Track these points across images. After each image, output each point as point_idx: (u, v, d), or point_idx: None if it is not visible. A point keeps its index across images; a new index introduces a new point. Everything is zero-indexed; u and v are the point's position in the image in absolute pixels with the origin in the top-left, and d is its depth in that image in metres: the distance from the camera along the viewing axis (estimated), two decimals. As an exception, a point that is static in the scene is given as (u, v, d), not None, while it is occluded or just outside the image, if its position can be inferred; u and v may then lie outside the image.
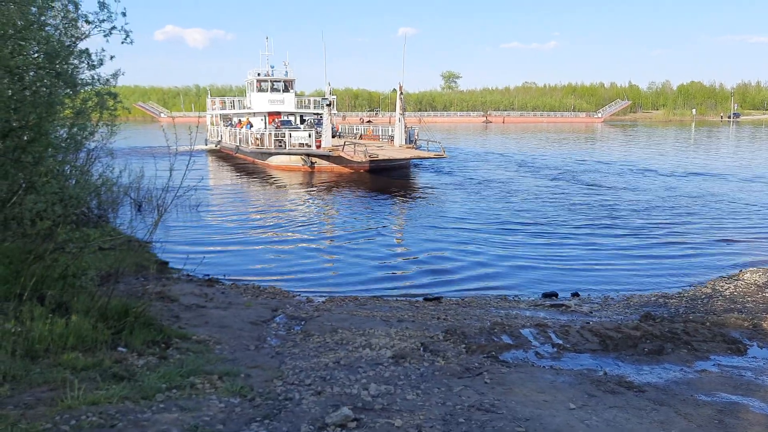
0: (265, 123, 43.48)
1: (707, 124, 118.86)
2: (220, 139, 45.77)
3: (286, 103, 45.92)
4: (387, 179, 31.22)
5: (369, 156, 30.82)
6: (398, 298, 11.03)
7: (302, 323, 8.48)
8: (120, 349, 6.00)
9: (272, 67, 47.53)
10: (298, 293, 11.18)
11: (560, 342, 7.71)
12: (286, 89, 46.32)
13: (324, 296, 11.06)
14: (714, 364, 6.99)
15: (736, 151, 52.23)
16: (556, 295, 11.71)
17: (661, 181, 30.30)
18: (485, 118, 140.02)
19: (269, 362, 6.36)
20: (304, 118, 45.91)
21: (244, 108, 47.43)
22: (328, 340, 7.44)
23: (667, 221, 19.51)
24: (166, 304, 8.45)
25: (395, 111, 37.65)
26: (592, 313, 10.14)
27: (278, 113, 45.14)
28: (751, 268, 13.44)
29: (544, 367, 6.68)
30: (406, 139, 37.02)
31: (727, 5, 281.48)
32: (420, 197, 26.17)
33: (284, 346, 7.17)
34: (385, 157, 32.05)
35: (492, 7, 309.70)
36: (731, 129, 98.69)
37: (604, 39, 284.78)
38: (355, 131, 44.20)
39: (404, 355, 6.61)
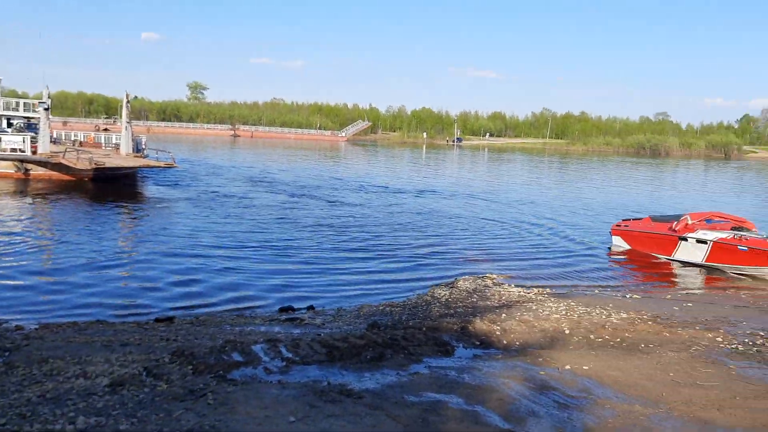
0: None
1: (436, 146, 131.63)
2: None
3: None
4: (113, 189, 30.13)
5: (95, 163, 29.41)
6: (125, 321, 10.34)
7: (6, 354, 7.51)
8: None
9: None
10: (5, 320, 9.89)
11: (290, 355, 7.88)
12: None
13: (38, 322, 9.93)
14: (425, 366, 7.71)
15: (459, 172, 58.64)
16: (292, 308, 11.95)
17: (398, 197, 32.80)
18: (234, 132, 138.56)
19: (-45, 404, 5.51)
20: (11, 121, 41.36)
21: None
22: (36, 371, 6.69)
23: (401, 234, 21.15)
24: None
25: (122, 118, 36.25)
26: (324, 325, 10.54)
27: None
28: (464, 276, 15.14)
29: (271, 382, 6.76)
30: (133, 148, 35.99)
31: (450, 39, 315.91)
32: (152, 210, 25.00)
33: (-22, 383, 6.27)
34: (112, 165, 30.87)
35: (242, 21, 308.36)
36: (455, 152, 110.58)
37: (348, 62, 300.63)
38: (72, 138, 41.02)
39: (123, 382, 6.22)
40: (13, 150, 31.63)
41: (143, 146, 37.80)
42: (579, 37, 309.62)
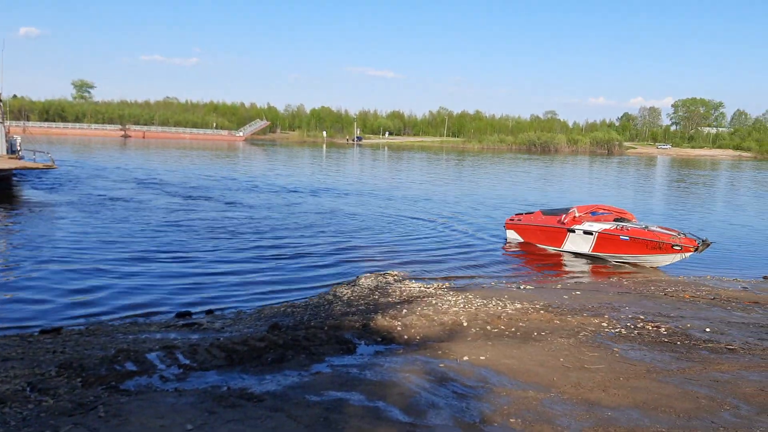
0: None
1: (336, 145, 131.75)
2: None
3: None
4: None
5: None
6: (6, 334, 9.66)
7: None
8: None
9: None
10: None
11: (187, 362, 7.66)
12: None
13: None
14: (327, 365, 7.72)
15: (361, 170, 58.95)
16: (189, 314, 11.59)
17: (297, 197, 32.51)
18: (124, 132, 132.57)
19: None
20: None
21: None
22: None
23: (300, 234, 20.99)
24: None
25: None
26: (224, 329, 10.31)
27: None
28: (366, 274, 15.25)
29: (167, 390, 6.55)
30: (7, 149, 33.96)
31: (349, 38, 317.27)
32: (30, 215, 23.47)
33: None
34: None
35: (131, 16, 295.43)
36: (356, 150, 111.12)
37: (244, 60, 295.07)
38: None
39: (4, 399, 5.83)
40: None
41: (18, 147, 35.51)
42: (475, 39, 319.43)
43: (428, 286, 13.83)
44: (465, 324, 10.09)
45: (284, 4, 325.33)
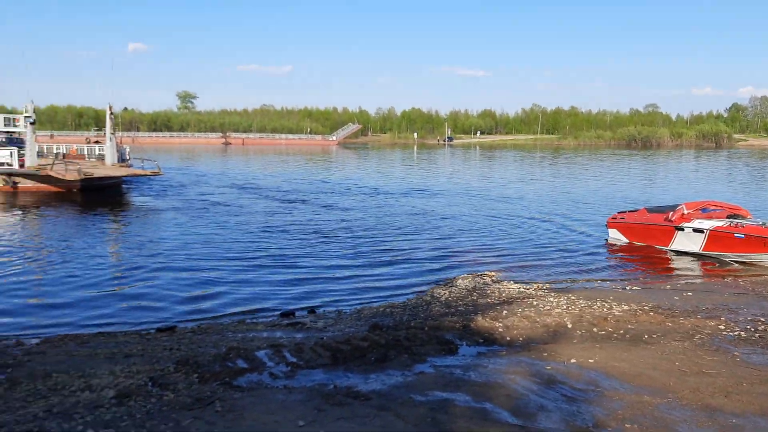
0: None
1: (427, 146, 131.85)
2: None
3: None
4: (101, 199, 30.98)
5: (84, 174, 30.47)
6: (127, 332, 10.29)
7: (8, 371, 7.45)
8: None
9: None
10: (5, 337, 9.83)
11: (294, 360, 7.87)
12: None
13: (38, 337, 9.87)
14: (430, 366, 7.70)
15: (452, 171, 58.70)
16: (293, 313, 11.93)
17: (390, 199, 32.79)
18: (225, 140, 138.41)
19: (-40, 422, 5.47)
20: None
21: None
22: (41, 386, 6.65)
23: (397, 236, 21.13)
24: None
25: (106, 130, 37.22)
26: (326, 328, 10.52)
27: None
28: (462, 275, 15.14)
29: (277, 387, 6.74)
30: (118, 158, 36.82)
31: (438, 39, 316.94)
32: (140, 219, 25.27)
33: (-18, 400, 6.23)
34: (101, 175, 31.95)
35: (228, 29, 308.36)
36: (447, 151, 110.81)
37: (336, 65, 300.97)
38: (55, 151, 41.24)
39: (129, 394, 6.19)
40: (1, 164, 32.23)
41: (127, 156, 38.61)
42: (565, 33, 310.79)
43: (528, 287, 13.56)
44: (569, 326, 9.80)
45: (372, 8, 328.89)
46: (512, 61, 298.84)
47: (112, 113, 36.56)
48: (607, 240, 20.61)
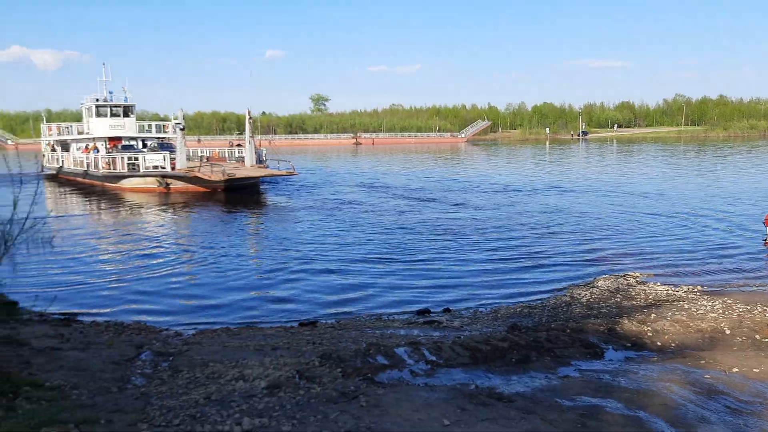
0: (106, 148, 43.14)
1: (560, 141, 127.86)
2: (60, 165, 45.60)
3: (127, 127, 46.02)
4: (241, 197, 33.16)
5: (227, 175, 33.16)
6: (272, 325, 10.79)
7: (170, 359, 8.04)
8: (-43, 404, 5.38)
9: (110, 92, 47.35)
10: (166, 327, 10.64)
11: (433, 358, 7.87)
12: (125, 114, 46.43)
13: (194, 328, 10.60)
14: (575, 369, 7.41)
15: (587, 166, 56.43)
16: (429, 311, 11.96)
17: (521, 196, 32.07)
18: (355, 140, 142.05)
19: (133, 404, 5.96)
20: (146, 142, 46.25)
21: (82, 134, 47.04)
22: (199, 375, 7.11)
23: (529, 235, 20.62)
24: (15, 349, 7.70)
25: (246, 133, 40.11)
26: (462, 327, 10.45)
27: (119, 138, 45.35)
28: (603, 276, 14.48)
29: (418, 384, 6.77)
30: (256, 160, 39.40)
31: (572, 30, 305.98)
32: (277, 217, 26.62)
33: (150, 385, 6.76)
34: (242, 176, 34.52)
35: (358, 31, 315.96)
36: (581, 146, 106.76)
37: (464, 62, 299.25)
38: (200, 154, 44.69)
39: (279, 385, 6.45)
40: (155, 167, 36.07)
41: (264, 158, 41.23)
42: (711, 16, 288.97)
43: (676, 289, 12.71)
44: (727, 332, 9.06)
45: (501, 4, 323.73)
46: (650, 49, 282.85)
47: (250, 118, 39.09)
48: (765, 239, 18.87)
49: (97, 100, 46.18)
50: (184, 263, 16.82)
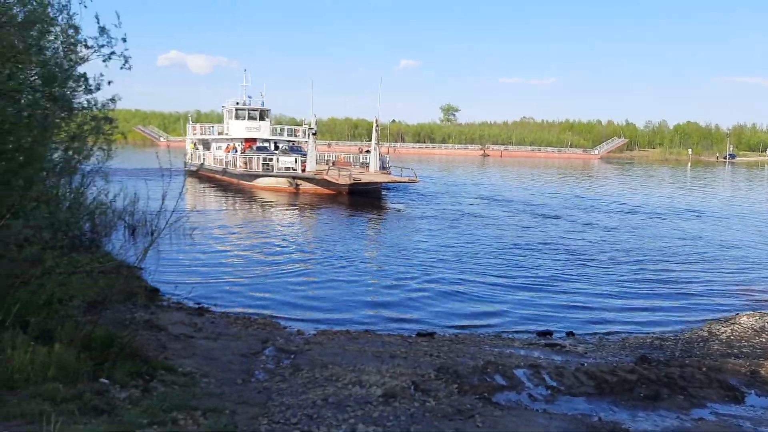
0: (241, 148, 46.14)
1: (703, 164, 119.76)
2: (202, 162, 48.85)
3: (262, 130, 48.99)
4: (364, 201, 34.33)
5: (353, 179, 34.70)
6: (391, 333, 10.86)
7: (292, 357, 8.31)
8: (102, 380, 5.83)
9: (249, 97, 50.81)
10: (289, 325, 11.01)
11: (554, 384, 7.56)
12: (261, 117, 49.43)
13: (315, 328, 10.88)
14: (711, 412, 6.85)
15: (733, 192, 52.42)
16: (551, 333, 11.55)
17: (658, 221, 30.27)
18: (483, 151, 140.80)
19: (256, 398, 6.20)
20: (278, 144, 48.66)
21: (221, 134, 50.66)
22: (318, 375, 7.28)
23: (663, 261, 19.40)
24: (154, 333, 8.28)
25: (372, 140, 41.59)
26: (587, 353, 9.99)
27: (254, 139, 48.27)
28: (747, 312, 13.31)
29: (537, 410, 6.53)
30: (380, 166, 40.60)
31: (720, 45, 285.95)
32: (397, 223, 27.04)
33: (272, 380, 7.01)
34: (367, 181, 36.00)
35: (493, 42, 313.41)
36: (727, 169, 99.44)
37: (601, 76, 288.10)
38: (326, 158, 46.35)
39: (394, 394, 6.46)
40: (287, 168, 38.38)
41: (387, 164, 42.46)
42: None
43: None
44: None
45: (642, 16, 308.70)
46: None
47: (377, 125, 40.58)
48: None
49: (237, 103, 49.60)
50: (307, 263, 17.37)
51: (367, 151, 47.86)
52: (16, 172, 6.09)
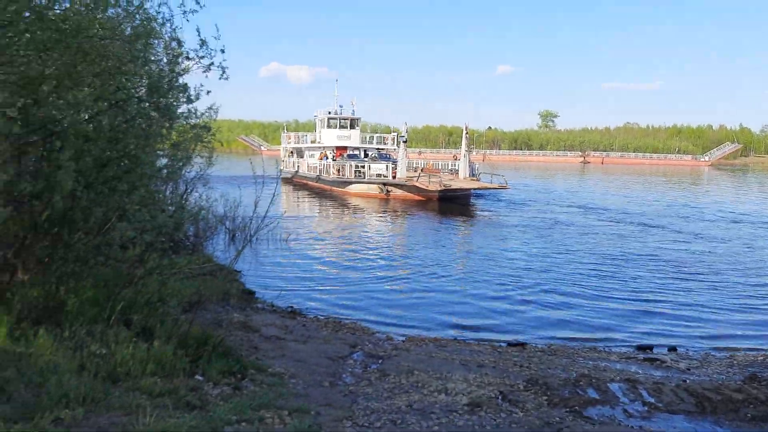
0: (332, 156, 47.90)
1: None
2: (296, 169, 50.99)
3: (352, 138, 50.81)
4: (454, 207, 34.39)
5: (444, 185, 35.28)
6: (480, 342, 10.68)
7: (379, 362, 8.34)
8: (197, 377, 6.08)
9: (341, 106, 52.82)
10: (378, 330, 11.07)
11: (652, 400, 7.17)
12: (352, 126, 51.33)
13: (404, 335, 10.88)
14: (829, 439, 6.27)
15: None
16: (651, 348, 10.98)
17: (761, 231, 28.15)
18: (583, 158, 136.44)
19: (341, 401, 6.26)
20: (367, 152, 49.79)
21: (314, 142, 52.82)
22: (404, 381, 7.26)
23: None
24: (247, 334, 8.56)
25: (461, 147, 42.31)
26: (689, 370, 9.42)
27: (345, 148, 49.82)
28: None
29: (632, 426, 6.21)
30: (469, 173, 40.74)
31: None
32: (487, 230, 26.82)
33: (358, 384, 7.06)
34: (457, 187, 36.52)
35: (593, 47, 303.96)
36: None
37: (712, 80, 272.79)
38: (414, 165, 46.23)
39: (480, 404, 6.34)
40: (378, 175, 39.42)
41: (476, 171, 42.66)
42: None
43: None
44: None
45: (758, 16, 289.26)
46: None
47: (467, 133, 41.35)
48: None
49: (329, 113, 51.50)
50: (397, 270, 17.43)
51: (455, 158, 47.95)
52: (120, 178, 6.48)
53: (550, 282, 16.25)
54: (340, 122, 50.91)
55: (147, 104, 7.23)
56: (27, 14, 5.95)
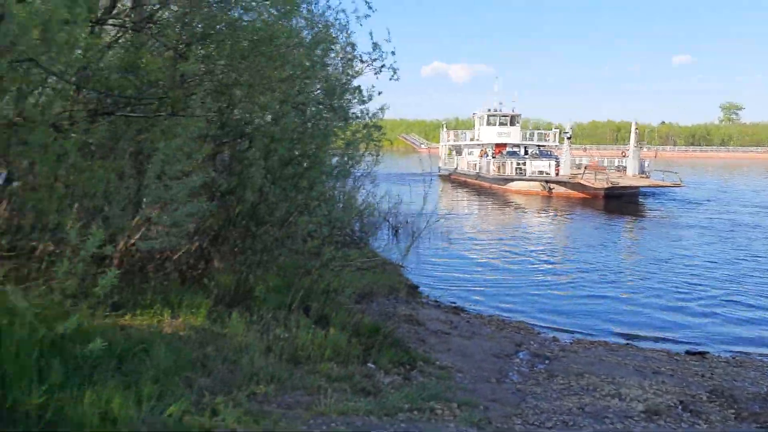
0: (492, 153, 47.21)
1: None
2: (455, 166, 51.33)
3: (512, 135, 49.92)
4: (620, 205, 32.65)
5: (610, 182, 33.82)
6: (654, 348, 10.06)
7: (546, 362, 8.19)
8: (369, 365, 6.36)
9: (500, 103, 52.06)
10: (543, 331, 10.83)
11: None
12: (511, 123, 50.51)
13: (571, 337, 10.55)
14: None
15: None
16: None
17: None
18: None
19: (509, 398, 6.24)
20: (527, 149, 48.94)
21: (473, 140, 52.33)
22: (573, 383, 7.07)
23: None
24: (413, 327, 8.78)
25: (630, 143, 40.35)
26: None
27: (504, 144, 49.07)
28: None
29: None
30: (638, 170, 38.68)
31: None
32: (657, 232, 24.77)
33: (526, 383, 6.99)
34: (625, 185, 34.85)
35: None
36: None
37: None
38: (577, 162, 43.95)
39: (658, 412, 6.02)
40: (540, 172, 38.77)
41: (646, 168, 40.23)
42: None
43: None
44: None
45: None
46: None
47: (636, 129, 39.80)
48: None
49: (489, 110, 51.21)
50: (561, 274, 16.79)
51: (623, 155, 45.45)
52: (302, 176, 6.93)
53: (730, 290, 14.84)
54: (499, 119, 50.45)
55: (323, 106, 7.69)
56: (219, 26, 6.57)
